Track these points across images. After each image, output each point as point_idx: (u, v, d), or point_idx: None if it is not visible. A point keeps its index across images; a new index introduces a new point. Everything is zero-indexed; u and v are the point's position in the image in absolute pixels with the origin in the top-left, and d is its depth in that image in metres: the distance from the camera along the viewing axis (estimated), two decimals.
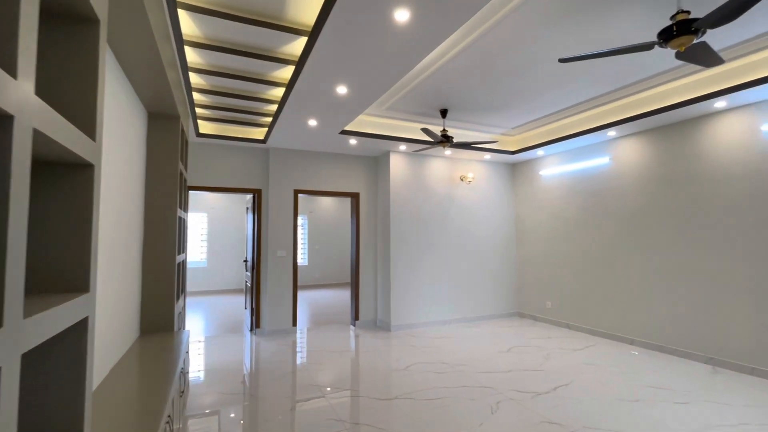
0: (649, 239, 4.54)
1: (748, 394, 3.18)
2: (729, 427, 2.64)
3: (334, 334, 5.35)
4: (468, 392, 3.26)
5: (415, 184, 5.73)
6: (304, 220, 10.50)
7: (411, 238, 5.62)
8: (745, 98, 3.59)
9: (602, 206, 5.09)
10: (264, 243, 5.37)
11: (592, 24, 2.72)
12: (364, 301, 5.85)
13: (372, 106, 4.44)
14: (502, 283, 6.33)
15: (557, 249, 5.73)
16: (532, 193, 6.21)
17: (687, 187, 4.19)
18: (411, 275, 5.59)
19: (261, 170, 5.42)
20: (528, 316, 6.23)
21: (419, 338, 5.02)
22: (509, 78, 3.65)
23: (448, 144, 4.42)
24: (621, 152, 4.87)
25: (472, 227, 6.12)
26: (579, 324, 5.36)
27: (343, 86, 3.26)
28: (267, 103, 3.93)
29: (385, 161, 5.74)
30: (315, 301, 8.15)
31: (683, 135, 4.23)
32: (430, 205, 5.80)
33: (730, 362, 3.79)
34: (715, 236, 3.94)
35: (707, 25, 2.07)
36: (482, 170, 6.31)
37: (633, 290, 4.70)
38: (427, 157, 5.83)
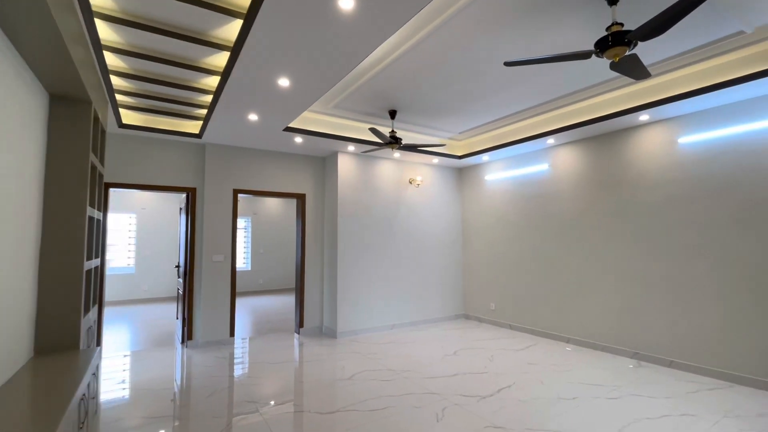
0: (582, 242, 4.80)
1: (668, 386, 3.43)
2: (654, 420, 2.80)
3: (277, 343, 5.04)
4: (414, 400, 3.17)
5: (364, 186, 5.60)
6: (248, 223, 9.95)
7: (359, 242, 5.48)
8: (666, 113, 3.91)
9: (542, 210, 5.32)
10: (198, 247, 4.93)
11: (535, 32, 2.78)
12: (310, 308, 5.60)
13: (318, 104, 4.25)
14: (448, 286, 6.40)
15: (500, 252, 5.91)
16: (477, 197, 6.35)
17: (616, 193, 4.49)
18: (358, 279, 5.45)
19: (196, 167, 4.98)
20: (473, 318, 6.35)
21: (365, 344, 4.88)
22: (456, 81, 3.66)
23: (397, 146, 4.35)
24: (559, 159, 5.12)
25: (421, 230, 6.13)
26: (520, 324, 5.54)
27: (286, 78, 3.05)
28: (201, 93, 3.59)
29: (332, 162, 5.56)
30: (258, 308, 7.70)
31: (613, 144, 4.53)
32: (378, 207, 5.71)
33: (651, 356, 4.09)
34: (639, 238, 4.25)
35: (638, 36, 2.17)
36: (430, 174, 6.34)
37: (568, 291, 4.94)
38: (376, 158, 5.74)
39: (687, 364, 3.82)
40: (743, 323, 3.48)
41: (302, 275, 5.56)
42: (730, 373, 3.53)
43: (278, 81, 3.10)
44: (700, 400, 3.14)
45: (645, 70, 2.54)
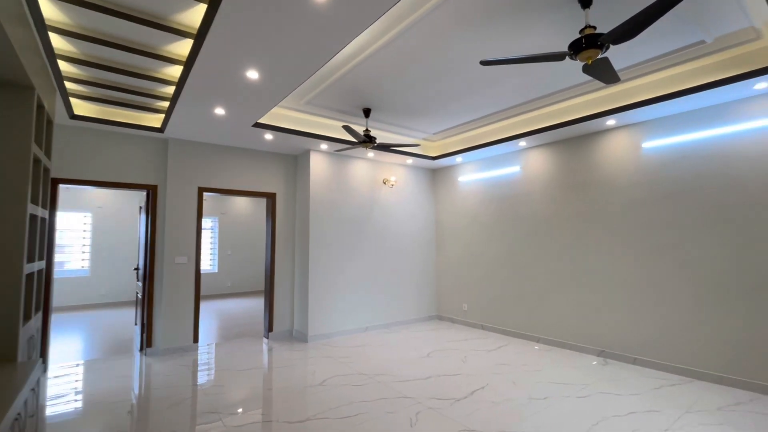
0: (552, 243, 4.90)
1: (633, 383, 3.53)
2: (621, 417, 2.85)
3: (244, 348, 4.82)
4: (387, 405, 3.09)
5: (337, 186, 5.48)
6: (214, 223, 9.56)
7: (331, 242, 5.35)
8: (631, 118, 4.04)
9: (513, 212, 5.39)
10: (160, 248, 4.65)
11: (510, 33, 2.78)
12: (280, 311, 5.41)
13: (290, 99, 4.10)
14: (422, 287, 6.37)
15: (473, 253, 5.94)
16: (451, 199, 6.37)
17: (584, 196, 4.60)
18: (330, 281, 5.31)
19: (158, 164, 4.69)
20: (446, 319, 6.35)
21: (337, 348, 4.76)
22: (431, 80, 3.62)
23: (371, 145, 4.27)
24: (530, 162, 5.21)
25: (394, 231, 6.07)
26: (492, 325, 5.59)
27: (255, 70, 2.90)
28: (163, 84, 3.37)
29: (304, 160, 5.40)
30: (225, 312, 7.39)
31: (581, 148, 4.65)
32: (351, 207, 5.60)
33: (617, 354, 4.22)
34: (605, 240, 4.38)
35: (610, 40, 2.19)
36: (404, 174, 6.30)
37: (538, 291, 5.03)
38: (350, 158, 5.64)
39: (650, 361, 3.95)
40: (703, 321, 3.64)
41: (272, 277, 5.36)
42: (692, 369, 3.67)
43: (247, 73, 2.94)
44: (664, 395, 3.24)
45: (615, 74, 2.59)
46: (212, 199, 9.45)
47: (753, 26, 2.75)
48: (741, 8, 2.54)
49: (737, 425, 2.71)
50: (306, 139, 4.77)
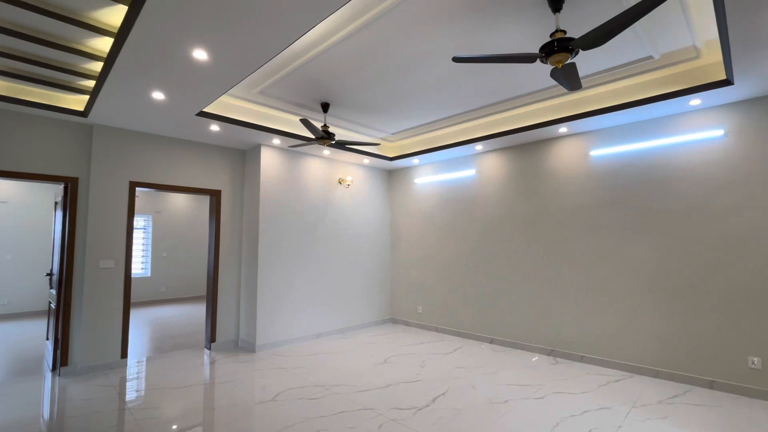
0: (504, 245, 5.01)
1: (582, 381, 3.67)
2: (578, 416, 2.92)
3: (183, 362, 4.34)
4: (347, 419, 2.89)
5: (290, 184, 5.16)
6: (148, 222, 8.66)
7: (282, 244, 5.02)
8: (581, 127, 4.24)
9: (468, 215, 5.45)
10: (80, 250, 4.02)
11: (476, 33, 2.73)
12: (224, 318, 4.96)
13: (241, 88, 3.75)
14: (377, 291, 6.23)
15: (428, 255, 5.92)
16: (407, 200, 6.31)
17: (535, 200, 4.76)
18: (281, 285, 4.98)
19: (79, 153, 4.06)
20: (401, 322, 6.27)
21: (289, 358, 4.45)
22: (393, 77, 3.50)
23: (330, 142, 4.04)
24: (485, 166, 5.29)
25: (349, 233, 5.87)
26: (447, 327, 5.60)
27: (202, 50, 2.56)
28: (88, 59, 2.88)
29: (254, 156, 5.02)
30: (160, 320, 6.68)
31: (534, 154, 4.80)
32: (305, 207, 5.31)
33: (565, 352, 4.39)
34: (554, 243, 4.55)
35: (581, 45, 2.21)
36: (361, 174, 6.13)
37: (491, 293, 5.12)
38: (304, 155, 5.34)
39: (595, 358, 4.16)
40: (641, 320, 3.89)
41: (215, 282, 4.90)
42: (632, 364, 3.91)
43: (193, 53, 2.60)
44: (611, 392, 3.40)
45: (579, 80, 2.64)
46: (145, 196, 8.55)
47: (695, 45, 2.97)
48: (687, 26, 2.71)
49: (679, 418, 2.89)
50: (257, 133, 4.42)
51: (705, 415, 2.94)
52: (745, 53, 2.59)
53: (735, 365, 3.37)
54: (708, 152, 3.60)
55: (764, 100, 3.33)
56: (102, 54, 2.81)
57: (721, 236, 3.49)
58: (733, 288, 3.41)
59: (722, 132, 3.51)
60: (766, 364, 3.23)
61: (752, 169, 3.37)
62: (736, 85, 3.09)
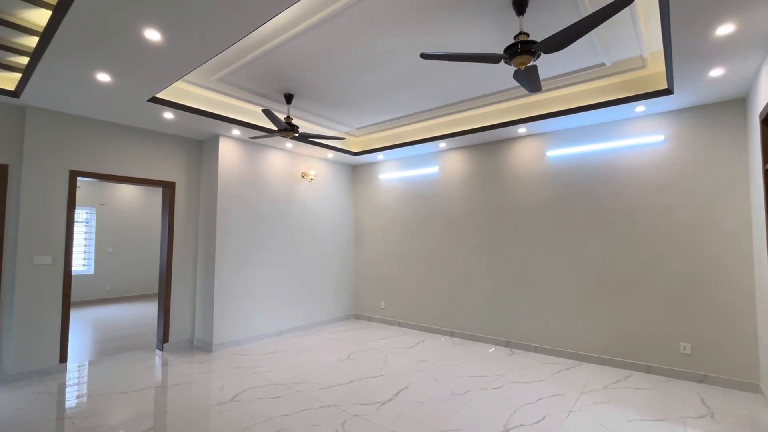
0: (465, 241, 5.15)
1: (536, 371, 3.86)
2: (533, 404, 3.07)
3: (131, 365, 4.06)
4: (310, 416, 2.85)
5: (250, 177, 4.97)
6: (91, 215, 8.02)
7: (242, 239, 4.84)
8: (539, 128, 4.42)
9: (431, 211, 5.53)
10: (10, 245, 3.64)
11: (442, 32, 2.75)
12: (178, 317, 4.70)
13: (198, 74, 3.54)
14: (340, 286, 6.18)
15: (392, 251, 5.96)
16: (371, 196, 6.30)
17: (495, 197, 4.92)
18: (240, 282, 4.80)
19: (9, 137, 3.66)
20: (364, 318, 6.27)
21: (248, 357, 4.31)
22: (359, 71, 3.46)
23: (293, 134, 3.93)
24: (448, 163, 5.39)
25: (312, 228, 5.76)
26: (409, 321, 5.67)
27: (155, 30, 2.39)
28: (20, 33, 2.59)
29: (212, 147, 4.78)
30: (104, 321, 6.21)
31: (495, 152, 4.95)
32: (265, 202, 5.14)
33: (521, 343, 4.60)
34: (510, 238, 4.74)
35: (543, 48, 2.29)
36: (324, 169, 6.03)
37: (452, 287, 5.24)
38: (265, 147, 5.16)
39: (548, 348, 4.39)
40: (590, 311, 4.15)
41: (168, 279, 4.63)
42: (580, 353, 4.17)
43: (144, 32, 2.41)
44: (562, 379, 3.60)
45: (539, 83, 2.74)
46: (87, 187, 7.90)
47: (641, 55, 3.18)
48: (636, 37, 2.90)
49: (621, 400, 3.12)
50: (215, 122, 4.21)
51: (643, 396, 3.19)
52: (684, 64, 2.81)
53: (669, 351, 3.69)
54: (650, 155, 3.89)
55: (699, 109, 3.65)
56: (38, 28, 2.53)
57: (660, 233, 3.80)
58: (670, 281, 3.73)
59: (662, 137, 3.81)
60: (695, 349, 3.57)
61: (687, 172, 3.69)
62: (675, 94, 3.36)
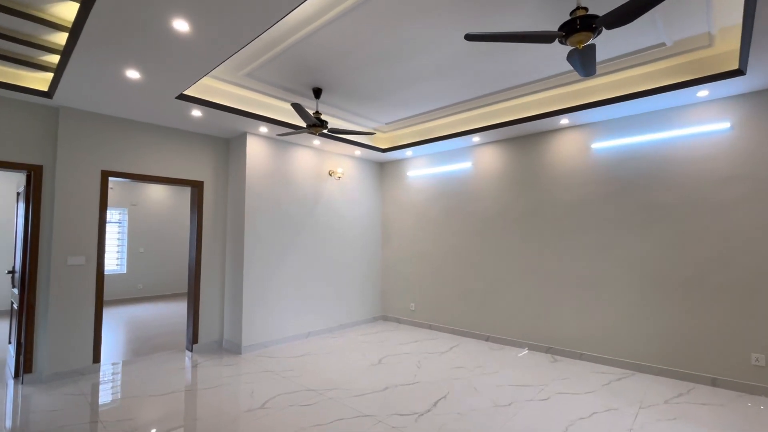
0: (501, 240, 4.87)
1: (584, 380, 3.56)
2: (587, 419, 2.79)
3: (162, 366, 4.03)
4: (345, 427, 2.68)
5: (277, 176, 4.87)
6: (123, 215, 8.19)
7: (269, 239, 4.74)
8: (583, 119, 4.10)
9: (463, 209, 5.28)
10: (45, 245, 3.66)
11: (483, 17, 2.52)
12: (207, 318, 4.66)
13: (225, 69, 3.45)
14: (367, 287, 6.02)
15: (421, 250, 5.74)
16: (399, 194, 6.10)
17: (534, 194, 4.62)
18: (268, 282, 4.71)
19: (43, 138, 3.68)
20: (392, 320, 6.08)
21: (278, 360, 4.20)
22: (391, 60, 3.26)
23: (322, 130, 3.78)
24: (482, 158, 5.13)
25: (339, 227, 5.62)
26: (440, 324, 5.44)
27: (183, 20, 2.27)
28: (50, 29, 2.54)
29: (240, 145, 4.71)
30: (137, 320, 6.29)
31: (534, 146, 4.65)
32: (293, 200, 5.03)
33: (563, 350, 4.29)
34: (551, 238, 4.43)
35: (606, 23, 2.03)
36: (351, 166, 5.88)
37: (486, 289, 4.98)
38: (293, 145, 5.06)
39: (595, 355, 4.07)
40: (641, 316, 3.80)
41: (197, 278, 4.59)
42: (632, 362, 3.83)
43: (173, 23, 2.30)
44: (615, 391, 3.29)
45: (595, 65, 2.47)
46: (120, 187, 8.07)
47: (709, 32, 2.84)
48: (707, 10, 2.57)
49: (688, 417, 2.80)
50: (243, 120, 4.12)
51: (713, 414, 2.86)
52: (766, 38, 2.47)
53: (738, 362, 3.32)
54: (711, 145, 3.51)
55: None
56: (66, 23, 2.48)
57: (724, 231, 3.42)
58: (736, 283, 3.35)
59: (728, 125, 3.43)
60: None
61: (758, 163, 3.30)
62: (748, 75, 2.99)
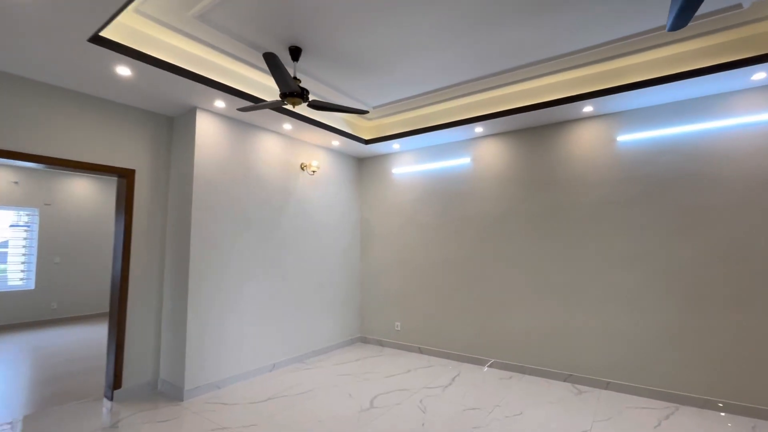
0: (508, 248, 4.17)
1: (630, 419, 2.89)
2: None
3: (68, 425, 2.83)
4: None
5: (236, 167, 3.85)
6: (33, 217, 6.60)
7: (224, 246, 3.69)
8: (608, 107, 3.52)
9: (461, 212, 4.54)
10: None
11: None
12: (136, 351, 3.49)
13: (170, 8, 2.44)
14: (343, 304, 5.08)
15: (409, 260, 4.92)
16: (382, 194, 5.26)
17: (548, 194, 3.98)
18: (221, 302, 3.65)
19: None
20: (373, 342, 5.18)
21: (235, 408, 3.15)
22: (389, 16, 2.45)
23: (302, 102, 2.86)
24: (484, 153, 4.43)
25: (313, 232, 4.66)
26: (433, 347, 4.63)
27: None
28: None
29: (187, 124, 3.64)
30: (49, 351, 4.86)
31: (547, 139, 4.01)
32: (257, 199, 4.02)
33: (586, 378, 3.63)
34: (569, 245, 3.80)
35: None
36: (328, 160, 4.96)
37: (490, 305, 4.25)
38: (257, 129, 4.05)
39: (625, 384, 3.44)
40: (684, 337, 3.23)
41: (123, 298, 3.42)
42: (674, 392, 3.23)
43: None
44: None
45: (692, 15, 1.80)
46: (28, 181, 6.49)
47: None
48: None
49: None
50: (191, 88, 3.09)
51: None
52: None
53: None
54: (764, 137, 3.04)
55: None
56: None
57: None
58: None
59: None
60: None
61: None
62: None
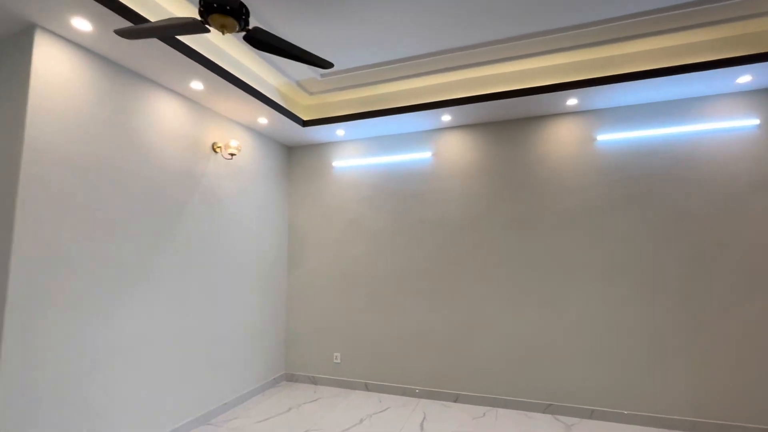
0: (474, 259, 3.56)
1: None
2: None
3: None
4: None
5: (109, 135, 2.45)
6: None
7: (82, 261, 2.27)
8: (594, 102, 3.18)
9: (418, 216, 3.80)
10: None
11: None
12: None
13: None
14: (265, 333, 3.87)
15: (352, 273, 3.98)
16: (319, 192, 4.22)
17: (521, 198, 3.48)
18: (80, 342, 2.21)
19: None
20: (304, 379, 4.05)
21: None
22: None
23: (236, 29, 1.77)
24: (447, 146, 3.78)
25: (226, 238, 3.40)
26: (383, 382, 3.75)
27: None
28: None
29: (14, 54, 2.15)
30: None
31: (523, 134, 3.53)
32: (142, 188, 2.65)
33: (568, 407, 3.18)
34: (545, 256, 3.35)
35: None
36: (251, 143, 3.75)
37: (453, 327, 3.57)
38: (147, 83, 2.70)
39: (612, 412, 3.06)
40: (670, 357, 2.98)
41: None
42: (663, 417, 2.94)
43: None
44: None
45: None
46: None
47: None
48: None
49: None
50: None
51: None
52: None
53: None
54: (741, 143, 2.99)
55: None
56: None
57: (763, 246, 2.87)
58: None
59: (757, 121, 2.94)
60: None
61: None
62: None
